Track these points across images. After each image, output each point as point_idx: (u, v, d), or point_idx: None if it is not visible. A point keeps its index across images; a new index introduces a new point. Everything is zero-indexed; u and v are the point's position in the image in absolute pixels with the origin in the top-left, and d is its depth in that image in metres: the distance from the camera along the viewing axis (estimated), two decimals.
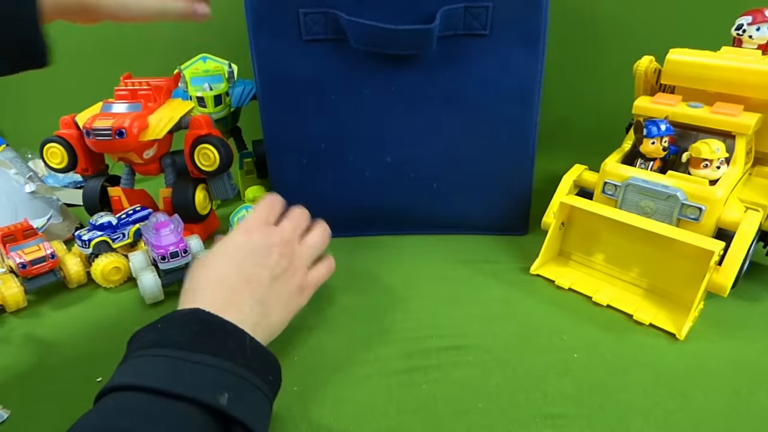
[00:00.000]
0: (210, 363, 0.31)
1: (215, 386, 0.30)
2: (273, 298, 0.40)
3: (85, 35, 0.83)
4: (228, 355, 0.32)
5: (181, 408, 0.29)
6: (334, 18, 0.52)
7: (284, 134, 0.59)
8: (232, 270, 0.40)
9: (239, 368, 0.32)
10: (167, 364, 0.31)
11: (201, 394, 0.29)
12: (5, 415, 0.40)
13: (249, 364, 0.33)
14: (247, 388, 0.32)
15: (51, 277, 0.53)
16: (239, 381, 0.32)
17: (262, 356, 0.35)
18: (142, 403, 0.29)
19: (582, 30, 0.78)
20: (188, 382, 0.30)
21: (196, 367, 0.31)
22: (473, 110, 0.56)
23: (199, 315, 0.35)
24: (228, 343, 0.33)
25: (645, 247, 0.51)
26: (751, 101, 0.49)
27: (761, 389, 0.40)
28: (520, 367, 0.43)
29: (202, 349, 0.32)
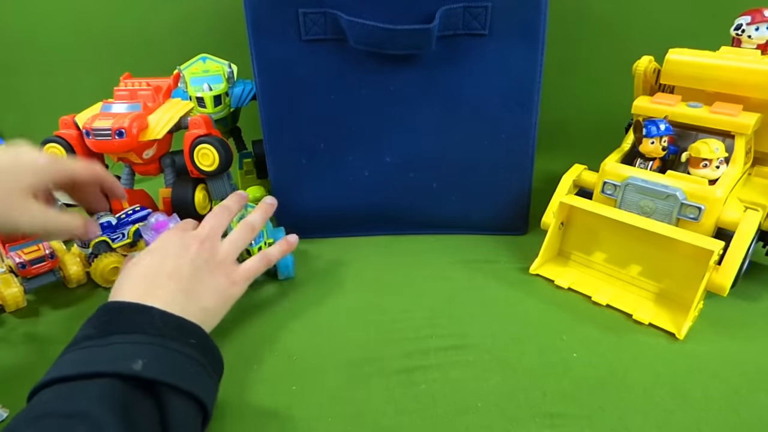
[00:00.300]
0: (119, 341, 0.33)
1: (127, 357, 0.31)
2: (199, 287, 0.41)
3: (85, 35, 0.83)
4: (138, 330, 0.34)
5: (100, 382, 0.30)
6: (333, 18, 0.52)
7: (284, 134, 0.59)
8: (153, 267, 0.41)
9: (151, 337, 0.33)
10: (81, 353, 0.32)
11: (114, 367, 0.30)
12: (4, 414, 0.40)
13: (162, 332, 0.34)
14: (166, 353, 0.33)
15: (50, 277, 0.53)
16: (154, 348, 0.33)
17: (177, 324, 0.36)
18: (61, 390, 0.30)
19: (582, 30, 0.78)
20: (100, 360, 0.31)
21: (107, 348, 0.32)
22: (473, 110, 0.56)
23: (108, 305, 0.36)
24: (135, 319, 0.35)
25: (644, 246, 0.51)
26: (751, 101, 0.49)
27: (761, 389, 0.40)
28: (520, 367, 0.43)
29: (111, 332, 0.33)
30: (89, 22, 0.82)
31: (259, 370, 0.44)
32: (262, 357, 0.45)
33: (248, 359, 0.45)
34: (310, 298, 0.53)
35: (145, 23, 0.82)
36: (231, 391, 0.41)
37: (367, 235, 0.63)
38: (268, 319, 0.50)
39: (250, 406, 0.40)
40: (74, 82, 0.85)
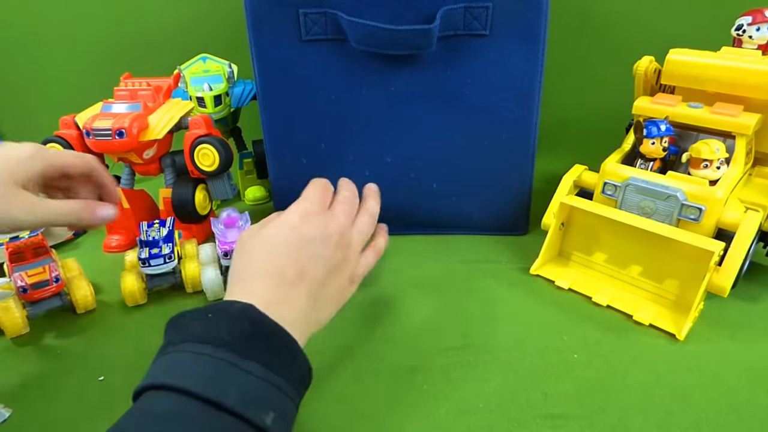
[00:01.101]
0: (259, 375, 0.29)
1: (263, 403, 0.29)
2: (325, 293, 0.38)
3: (86, 35, 0.83)
4: (278, 369, 0.30)
5: (229, 421, 0.27)
6: (333, 18, 0.52)
7: (284, 134, 0.59)
8: (288, 259, 0.36)
9: (287, 385, 0.30)
10: (216, 367, 0.29)
11: (248, 411, 0.28)
12: (6, 414, 0.40)
13: (294, 380, 0.31)
14: (289, 407, 0.31)
15: (56, 302, 0.50)
16: (284, 400, 0.30)
17: (305, 371, 0.33)
18: (189, 410, 0.27)
19: (582, 30, 0.78)
20: (236, 395, 0.28)
21: (246, 378, 0.29)
22: (473, 110, 0.56)
23: (251, 314, 0.32)
24: (280, 355, 0.31)
25: (645, 247, 0.51)
26: (751, 101, 0.49)
27: (761, 389, 0.40)
28: (521, 368, 0.43)
29: (252, 356, 0.30)
30: (89, 23, 0.82)
31: None
32: None
33: None
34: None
35: (146, 23, 0.82)
36: None
37: None
38: None
39: None
40: (74, 82, 0.85)
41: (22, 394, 0.42)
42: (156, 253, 0.50)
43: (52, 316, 0.52)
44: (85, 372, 0.44)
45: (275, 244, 0.37)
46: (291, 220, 0.38)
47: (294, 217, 0.38)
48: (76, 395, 0.42)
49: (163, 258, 0.50)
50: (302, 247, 0.37)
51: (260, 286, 0.35)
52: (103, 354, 0.47)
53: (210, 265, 0.53)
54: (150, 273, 0.51)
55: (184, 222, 0.60)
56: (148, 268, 0.50)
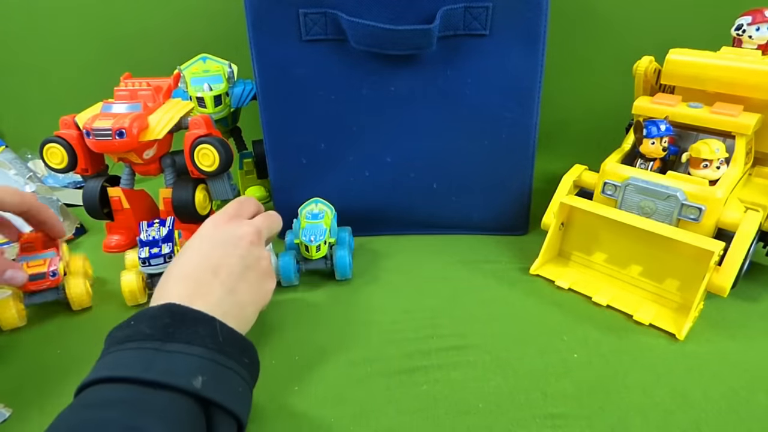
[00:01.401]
0: (182, 351, 0.32)
1: (188, 371, 0.31)
2: (245, 287, 0.40)
3: (86, 35, 0.83)
4: (200, 342, 0.33)
5: (162, 395, 0.29)
6: (334, 18, 0.52)
7: (284, 134, 0.59)
8: (200, 261, 0.40)
9: (212, 353, 0.33)
10: (140, 354, 0.31)
11: (174, 380, 0.30)
12: (6, 413, 0.40)
13: (222, 348, 0.33)
14: (222, 371, 0.33)
15: (53, 295, 0.50)
16: (213, 365, 0.32)
17: (234, 340, 0.35)
18: (122, 392, 0.29)
19: (582, 30, 0.78)
20: (161, 369, 0.30)
21: (169, 356, 0.31)
22: (473, 110, 0.56)
23: (170, 308, 0.35)
24: (198, 331, 0.34)
25: (645, 247, 0.51)
26: (751, 101, 0.49)
27: (761, 390, 0.40)
28: (521, 368, 0.43)
29: (173, 339, 0.32)
30: (89, 22, 0.82)
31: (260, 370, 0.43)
32: (263, 357, 0.45)
33: None
34: (310, 299, 0.53)
35: (146, 23, 0.82)
36: None
37: (367, 235, 0.63)
38: (269, 319, 0.50)
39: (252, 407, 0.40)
40: (74, 82, 0.85)
41: (22, 394, 0.42)
42: (156, 253, 0.50)
43: (52, 316, 0.52)
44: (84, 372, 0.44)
45: (190, 252, 0.41)
46: (202, 231, 0.43)
47: (204, 228, 0.43)
48: None
49: (163, 257, 0.51)
50: (213, 247, 0.41)
51: (174, 289, 0.38)
52: None
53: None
54: (150, 272, 0.51)
55: (184, 222, 0.60)
56: (148, 268, 0.51)
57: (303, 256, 0.53)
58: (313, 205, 0.56)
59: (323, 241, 0.52)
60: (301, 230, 0.53)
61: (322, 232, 0.52)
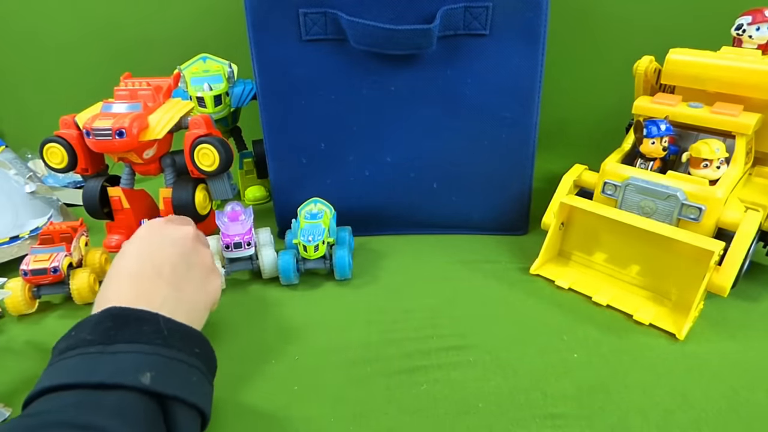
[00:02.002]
0: (126, 350, 0.32)
1: (135, 369, 0.30)
2: (190, 286, 0.40)
3: (86, 35, 0.83)
4: (144, 339, 0.33)
5: (112, 394, 0.29)
6: (334, 18, 0.52)
7: (284, 134, 0.59)
8: (142, 262, 0.39)
9: (157, 348, 0.32)
10: (83, 360, 0.31)
11: (121, 378, 0.30)
12: (6, 413, 0.40)
13: (167, 342, 0.33)
14: (172, 364, 0.32)
15: (58, 290, 0.51)
16: (160, 359, 0.32)
17: (180, 333, 0.35)
18: (70, 398, 0.29)
19: (582, 30, 0.78)
20: (107, 371, 0.30)
21: (113, 356, 0.31)
22: (473, 110, 0.56)
23: (111, 311, 0.34)
24: (142, 329, 0.33)
25: (645, 247, 0.51)
26: (751, 101, 0.49)
27: (761, 389, 0.40)
28: (521, 368, 0.43)
29: (116, 341, 0.32)
30: (89, 22, 0.82)
31: (260, 370, 0.44)
32: (263, 357, 0.45)
33: (249, 360, 0.45)
34: (310, 299, 0.53)
35: (146, 23, 0.82)
36: (232, 391, 0.41)
37: (367, 235, 0.63)
38: (269, 319, 0.50)
39: (252, 407, 0.40)
40: (74, 82, 0.85)
41: (22, 394, 0.42)
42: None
43: (52, 314, 0.52)
44: None
45: (131, 254, 0.40)
46: (140, 232, 0.42)
47: (143, 230, 0.43)
48: None
49: None
50: (156, 248, 0.41)
51: (116, 290, 0.37)
52: None
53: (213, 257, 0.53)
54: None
55: None
56: None
57: (302, 255, 0.53)
58: (312, 205, 0.56)
59: (321, 241, 0.52)
60: (300, 230, 0.53)
61: (320, 231, 0.53)
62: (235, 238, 0.52)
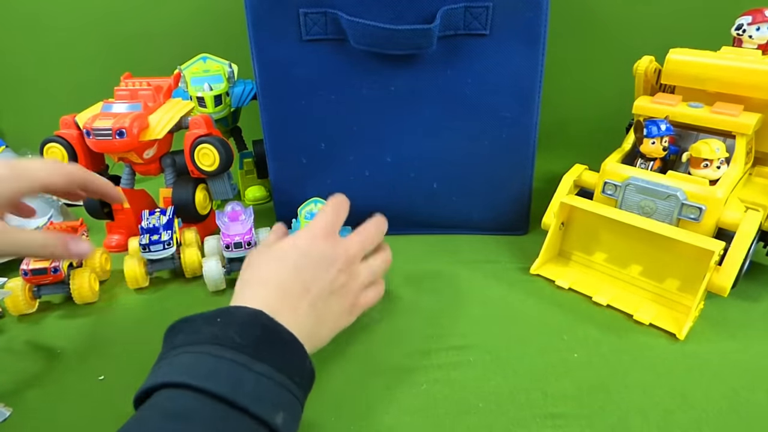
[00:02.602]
0: (271, 376, 0.30)
1: (274, 403, 0.29)
2: (327, 312, 0.39)
3: (86, 35, 0.83)
4: (287, 372, 0.31)
5: (243, 420, 0.28)
6: (334, 18, 0.52)
7: (284, 134, 0.59)
8: (292, 275, 0.38)
9: (295, 388, 0.31)
10: (229, 368, 0.29)
11: (261, 410, 0.28)
12: (7, 413, 0.40)
13: (302, 383, 0.32)
14: (297, 408, 0.32)
15: (58, 289, 0.52)
16: (293, 401, 0.31)
17: (309, 373, 0.34)
18: (205, 408, 0.28)
19: (582, 30, 0.78)
20: (250, 394, 0.29)
21: (259, 379, 0.30)
22: (473, 110, 0.56)
23: (262, 319, 0.33)
24: (290, 359, 0.32)
25: (645, 247, 0.51)
26: (751, 101, 0.49)
27: (761, 389, 0.40)
28: (521, 367, 0.43)
29: (264, 359, 0.31)
30: (90, 23, 0.82)
31: None
32: None
33: None
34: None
35: (146, 23, 0.82)
36: None
37: None
38: None
39: None
40: (74, 82, 0.85)
41: (22, 394, 0.42)
42: (156, 240, 0.52)
43: (52, 314, 0.52)
44: (84, 371, 0.44)
45: (283, 260, 0.39)
46: (300, 242, 0.40)
47: (303, 240, 0.40)
48: (76, 394, 0.42)
49: (163, 244, 0.52)
50: (307, 265, 0.39)
51: (267, 295, 0.36)
52: (104, 353, 0.47)
53: (213, 257, 0.54)
54: (150, 258, 0.53)
55: (185, 221, 0.60)
56: (148, 254, 0.53)
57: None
58: (312, 205, 0.56)
59: None
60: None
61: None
62: (235, 238, 0.52)
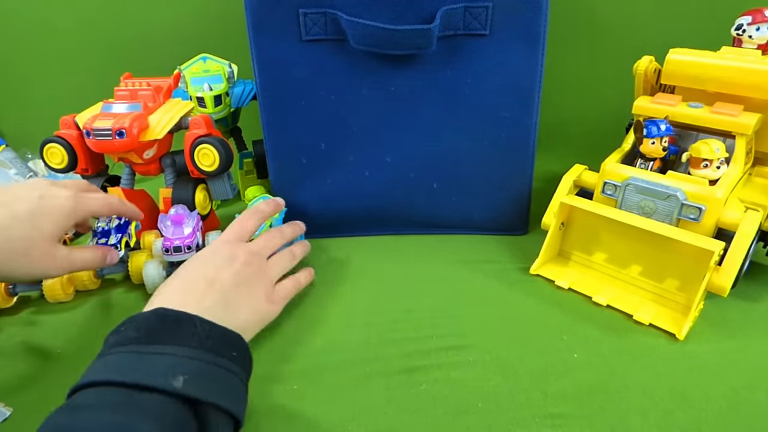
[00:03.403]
0: (163, 351, 0.32)
1: (168, 371, 0.31)
2: (238, 300, 0.42)
3: (86, 35, 0.83)
4: (181, 342, 0.33)
5: (146, 396, 0.30)
6: (333, 18, 0.52)
7: (284, 134, 0.59)
8: (195, 272, 0.43)
9: (193, 350, 0.33)
10: (124, 358, 0.32)
11: (154, 380, 0.30)
12: (7, 413, 0.40)
13: (204, 344, 0.34)
14: (206, 368, 0.33)
15: (32, 288, 0.52)
16: (195, 363, 0.33)
17: (218, 335, 0.36)
18: (107, 395, 0.30)
19: (582, 30, 0.78)
20: (142, 371, 0.31)
21: (150, 357, 0.32)
22: (473, 110, 0.56)
23: (158, 312, 0.36)
24: (181, 331, 0.34)
25: (645, 247, 0.51)
26: (751, 101, 0.49)
27: (761, 389, 0.40)
28: (520, 367, 0.43)
29: (156, 341, 0.33)
30: (89, 22, 0.82)
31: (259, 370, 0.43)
32: (261, 357, 0.45)
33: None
34: (310, 298, 0.53)
35: (146, 23, 0.82)
36: None
37: (368, 235, 0.63)
38: None
39: (251, 406, 0.40)
40: (74, 82, 0.85)
41: (20, 393, 0.42)
42: (103, 243, 0.52)
43: (49, 314, 0.52)
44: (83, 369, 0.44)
45: (186, 267, 0.44)
46: (206, 250, 0.47)
47: (208, 247, 0.47)
48: None
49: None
50: (209, 261, 0.44)
51: (172, 292, 0.41)
52: None
53: (155, 259, 0.54)
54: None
55: None
56: None
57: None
58: (261, 201, 0.56)
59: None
60: None
61: (261, 226, 0.54)
62: (175, 242, 0.52)
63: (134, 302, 0.53)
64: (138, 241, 0.57)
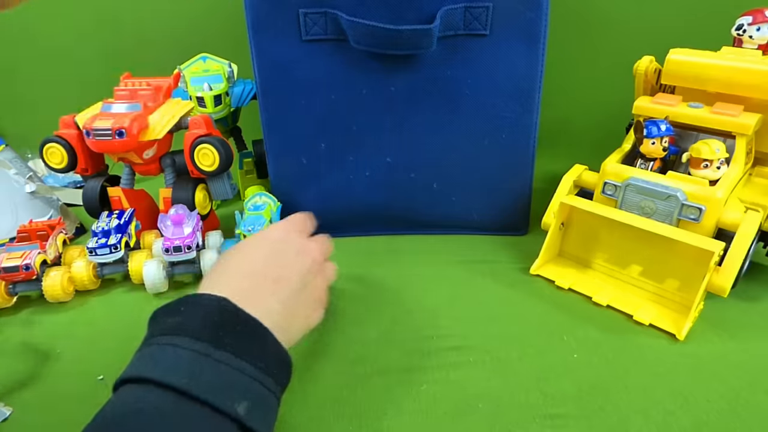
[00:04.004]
0: (231, 364, 0.30)
1: (234, 392, 0.29)
2: (297, 306, 0.38)
3: (86, 35, 0.83)
4: (250, 358, 0.31)
5: (199, 411, 0.28)
6: (334, 18, 0.52)
7: (284, 134, 0.58)
8: (266, 265, 0.38)
9: (260, 374, 0.31)
10: (187, 357, 0.29)
11: (219, 401, 0.28)
12: (7, 412, 0.40)
13: (269, 369, 0.32)
14: (265, 395, 0.31)
15: (32, 287, 0.52)
16: (258, 388, 0.30)
17: (280, 359, 0.33)
18: (161, 400, 0.28)
19: (582, 30, 0.78)
20: (207, 383, 0.28)
21: (217, 367, 0.29)
22: (473, 110, 0.56)
23: (224, 305, 0.32)
24: (251, 344, 0.32)
25: (645, 247, 0.51)
26: (751, 101, 0.49)
27: (761, 390, 0.40)
28: (520, 368, 0.43)
29: (224, 346, 0.30)
30: (89, 22, 0.82)
31: None
32: None
33: None
34: None
35: (146, 23, 0.82)
36: None
37: (368, 234, 0.63)
38: None
39: None
40: (74, 82, 0.85)
41: (22, 394, 0.42)
42: (103, 243, 0.52)
43: (48, 314, 0.52)
44: (82, 371, 0.44)
45: (254, 252, 0.39)
46: (272, 234, 0.41)
47: (275, 233, 0.41)
48: (75, 394, 0.42)
49: (109, 248, 0.52)
50: (281, 255, 0.39)
51: (231, 284, 0.36)
52: (104, 352, 0.46)
53: (156, 258, 0.54)
54: (98, 261, 0.53)
55: None
56: (94, 257, 0.52)
57: None
58: (257, 198, 0.57)
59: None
60: (242, 221, 0.55)
61: (261, 222, 0.54)
62: (175, 242, 0.52)
63: (134, 302, 0.53)
64: (138, 241, 0.58)
